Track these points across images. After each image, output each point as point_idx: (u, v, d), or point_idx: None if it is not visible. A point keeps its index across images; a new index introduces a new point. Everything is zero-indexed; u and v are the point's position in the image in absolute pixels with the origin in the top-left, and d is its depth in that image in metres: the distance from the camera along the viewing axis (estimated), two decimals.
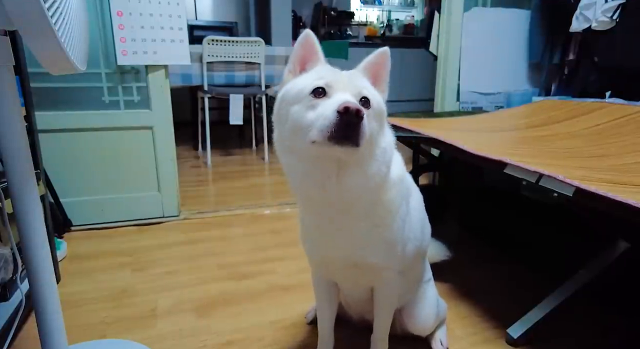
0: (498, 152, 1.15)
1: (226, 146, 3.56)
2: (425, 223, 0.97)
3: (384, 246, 0.81)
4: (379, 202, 0.76)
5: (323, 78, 0.68)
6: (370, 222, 0.77)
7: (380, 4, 6.21)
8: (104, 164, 1.80)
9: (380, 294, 0.92)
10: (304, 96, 0.67)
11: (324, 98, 0.66)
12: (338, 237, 0.79)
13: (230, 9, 4.53)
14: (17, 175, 0.74)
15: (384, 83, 0.77)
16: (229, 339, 1.11)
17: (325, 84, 0.67)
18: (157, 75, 1.80)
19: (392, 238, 0.80)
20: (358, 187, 0.70)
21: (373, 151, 0.70)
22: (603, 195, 0.81)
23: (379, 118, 0.72)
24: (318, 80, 0.68)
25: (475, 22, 2.32)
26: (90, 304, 1.27)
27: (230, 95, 2.80)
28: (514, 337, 1.09)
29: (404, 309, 1.04)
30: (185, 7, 1.81)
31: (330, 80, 0.68)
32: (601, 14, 1.90)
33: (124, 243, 1.69)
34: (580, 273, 1.11)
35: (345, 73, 0.73)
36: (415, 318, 1.03)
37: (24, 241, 0.78)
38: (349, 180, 0.69)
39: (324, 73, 0.70)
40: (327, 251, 0.85)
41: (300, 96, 0.67)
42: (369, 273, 0.87)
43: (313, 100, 0.66)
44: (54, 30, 0.58)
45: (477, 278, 1.45)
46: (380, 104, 0.72)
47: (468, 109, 2.38)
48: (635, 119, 1.47)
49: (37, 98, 1.64)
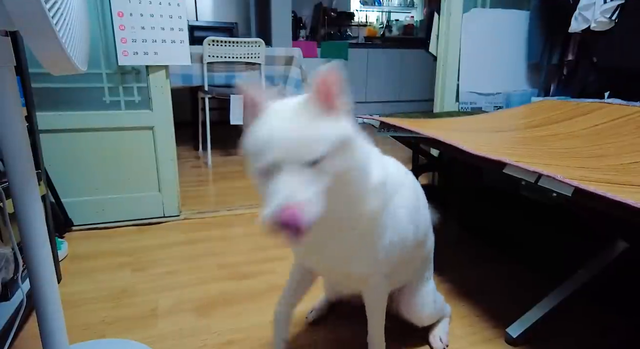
0: (497, 153, 1.16)
1: (226, 146, 3.56)
2: (421, 217, 0.94)
3: (368, 255, 0.80)
4: (362, 214, 0.74)
5: (258, 153, 0.60)
6: (354, 234, 0.76)
7: (380, 5, 6.22)
8: (105, 164, 1.81)
9: (368, 298, 0.92)
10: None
11: (268, 175, 0.60)
12: (321, 250, 0.79)
13: (231, 10, 4.53)
14: (18, 175, 0.74)
15: (340, 105, 0.64)
16: (229, 339, 1.12)
17: (263, 166, 0.60)
18: (158, 75, 1.80)
19: (377, 246, 0.79)
20: (337, 213, 0.69)
21: (349, 182, 0.67)
22: (602, 195, 0.82)
23: (342, 151, 0.62)
24: (255, 156, 0.61)
25: (475, 23, 2.32)
26: (90, 304, 1.28)
27: (230, 95, 2.81)
28: (513, 336, 1.09)
29: (402, 293, 1.04)
30: (186, 8, 1.82)
31: (268, 159, 0.59)
32: (600, 14, 1.91)
33: (124, 243, 1.69)
34: (579, 273, 1.11)
35: (284, 127, 0.61)
36: (410, 306, 1.03)
37: (25, 240, 0.78)
38: (328, 209, 0.61)
39: (260, 138, 0.61)
40: (311, 264, 0.86)
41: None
42: (354, 278, 0.88)
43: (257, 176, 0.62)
44: (55, 30, 0.58)
45: (477, 277, 1.45)
46: (337, 140, 0.61)
47: (467, 109, 2.39)
48: (634, 119, 1.47)
49: (38, 98, 1.64)
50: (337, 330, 1.12)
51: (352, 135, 0.65)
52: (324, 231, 0.73)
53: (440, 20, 2.34)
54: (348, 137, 0.64)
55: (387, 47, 5.57)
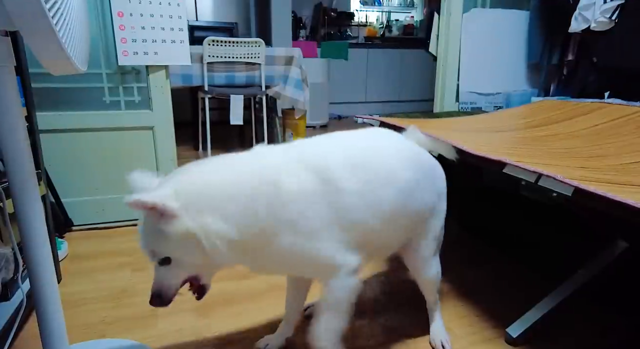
0: (497, 152, 1.16)
1: (226, 146, 3.56)
2: (383, 195, 0.82)
3: (303, 263, 0.76)
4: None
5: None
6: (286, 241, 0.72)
7: (380, 5, 6.22)
8: (105, 164, 1.81)
9: (327, 295, 0.80)
10: None
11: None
12: (266, 268, 0.80)
13: (231, 10, 4.54)
14: (19, 175, 0.75)
15: (170, 212, 0.68)
16: (229, 339, 1.11)
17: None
18: (158, 75, 1.80)
19: (309, 252, 0.73)
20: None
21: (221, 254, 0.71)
22: (602, 195, 0.82)
23: (188, 247, 0.70)
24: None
25: (475, 23, 2.32)
26: (90, 304, 1.28)
27: (230, 95, 2.81)
28: (513, 336, 1.09)
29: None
30: (186, 8, 1.82)
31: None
32: (600, 14, 1.91)
33: (124, 243, 1.69)
34: (579, 273, 1.11)
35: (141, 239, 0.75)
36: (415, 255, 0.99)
37: (25, 240, 0.78)
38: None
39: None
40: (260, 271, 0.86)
41: None
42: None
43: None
44: (55, 30, 0.58)
45: (477, 277, 1.45)
46: (176, 240, 0.69)
47: (467, 109, 2.39)
48: (634, 119, 1.47)
49: (38, 98, 1.64)
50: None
51: (191, 229, 0.67)
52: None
53: (440, 20, 2.34)
54: (187, 233, 0.67)
55: (387, 47, 5.58)
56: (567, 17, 2.09)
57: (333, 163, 0.77)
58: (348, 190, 0.76)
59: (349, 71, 5.39)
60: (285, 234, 0.71)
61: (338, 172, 0.76)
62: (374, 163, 0.83)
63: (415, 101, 5.79)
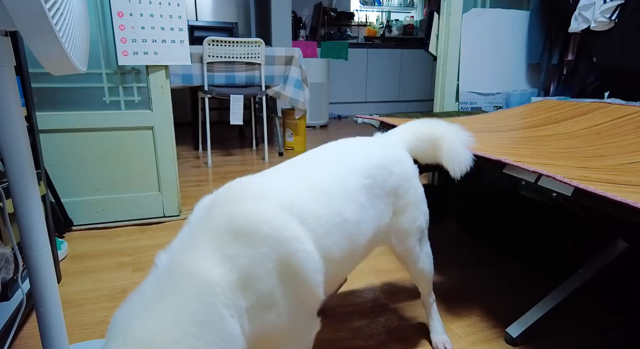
0: (497, 152, 1.16)
1: (226, 146, 3.56)
2: (363, 216, 0.79)
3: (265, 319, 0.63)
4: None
5: None
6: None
7: (380, 5, 6.22)
8: (105, 164, 1.81)
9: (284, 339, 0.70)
10: None
11: None
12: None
13: (231, 10, 4.54)
14: (18, 175, 0.75)
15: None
16: None
17: None
18: (158, 75, 1.80)
19: (274, 312, 0.64)
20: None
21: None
22: (602, 195, 0.82)
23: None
24: None
25: (475, 23, 2.32)
26: (90, 304, 1.28)
27: (230, 95, 2.81)
28: (513, 336, 1.09)
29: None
30: (186, 8, 1.82)
31: None
32: (600, 14, 1.91)
33: (124, 243, 1.69)
34: (579, 273, 1.11)
35: None
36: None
37: (25, 240, 0.78)
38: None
39: None
40: None
41: None
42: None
43: None
44: (55, 31, 0.58)
45: (477, 277, 1.45)
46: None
47: (467, 109, 2.39)
48: (634, 119, 1.47)
49: (38, 98, 1.65)
50: (337, 329, 1.12)
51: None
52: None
53: (440, 20, 2.34)
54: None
55: (387, 47, 5.58)
56: (567, 17, 2.09)
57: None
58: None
59: (349, 71, 5.40)
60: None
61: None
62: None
63: (415, 101, 5.79)
